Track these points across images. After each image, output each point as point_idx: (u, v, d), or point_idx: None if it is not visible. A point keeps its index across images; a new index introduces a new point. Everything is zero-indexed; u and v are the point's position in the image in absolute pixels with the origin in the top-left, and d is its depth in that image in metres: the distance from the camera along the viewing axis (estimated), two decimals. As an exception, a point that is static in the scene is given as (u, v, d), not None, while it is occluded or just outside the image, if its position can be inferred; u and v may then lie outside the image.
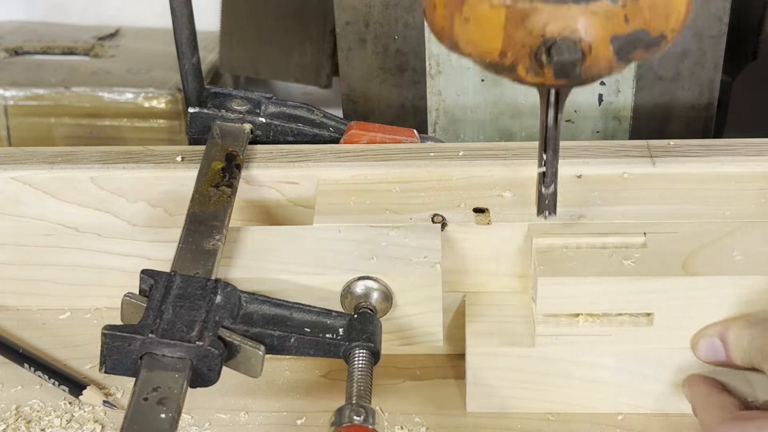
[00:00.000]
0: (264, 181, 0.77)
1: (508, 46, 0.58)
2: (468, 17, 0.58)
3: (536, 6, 0.57)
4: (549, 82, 0.59)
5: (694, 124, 0.96)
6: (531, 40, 0.57)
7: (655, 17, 0.57)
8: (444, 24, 0.59)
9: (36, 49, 1.44)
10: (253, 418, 0.70)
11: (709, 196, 0.73)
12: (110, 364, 0.60)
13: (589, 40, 0.57)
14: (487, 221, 0.71)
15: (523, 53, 0.58)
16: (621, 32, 0.57)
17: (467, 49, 0.59)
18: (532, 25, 0.57)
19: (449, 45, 0.59)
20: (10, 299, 0.80)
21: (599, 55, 0.58)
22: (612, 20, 0.57)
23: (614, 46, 0.58)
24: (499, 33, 0.57)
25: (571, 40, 0.57)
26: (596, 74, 0.59)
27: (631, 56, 0.59)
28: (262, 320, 0.64)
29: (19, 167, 0.77)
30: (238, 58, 1.38)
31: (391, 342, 0.69)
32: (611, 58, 0.58)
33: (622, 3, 0.57)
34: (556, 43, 0.57)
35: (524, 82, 0.59)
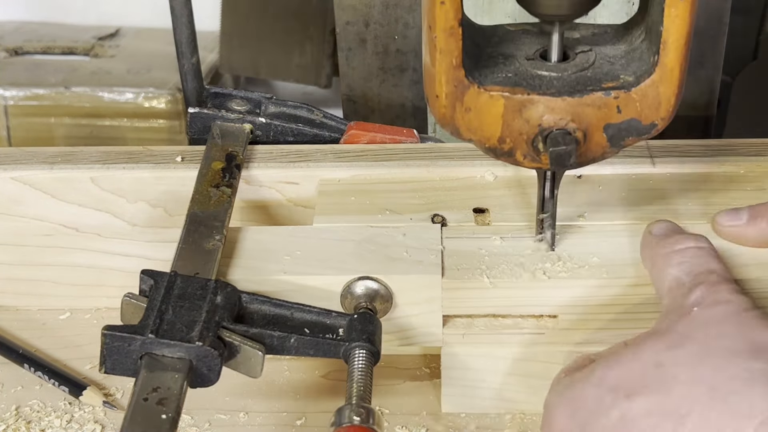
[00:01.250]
0: (264, 181, 0.77)
1: (507, 134, 0.62)
2: (469, 107, 0.61)
3: (533, 98, 0.60)
4: (545, 167, 0.63)
5: (694, 124, 0.96)
6: (528, 129, 0.61)
7: (647, 108, 0.61)
8: (446, 113, 0.62)
9: (36, 49, 1.44)
10: (253, 418, 0.70)
11: (709, 196, 0.73)
12: (110, 364, 0.60)
13: (583, 130, 0.61)
14: (487, 221, 0.71)
15: (521, 141, 0.62)
16: (614, 121, 0.61)
17: (468, 135, 0.63)
18: (529, 115, 0.61)
19: (451, 131, 0.63)
20: (10, 299, 0.80)
21: (593, 143, 0.62)
22: (605, 111, 0.61)
23: (607, 134, 0.62)
24: (497, 122, 0.61)
25: (565, 130, 0.60)
26: (590, 160, 0.63)
27: (623, 142, 0.62)
28: (262, 320, 0.64)
29: (19, 167, 0.77)
30: (238, 58, 1.38)
31: (391, 342, 0.69)
32: (604, 144, 0.62)
33: (615, 95, 0.60)
34: (551, 134, 0.61)
35: (522, 165, 0.63)
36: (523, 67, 0.62)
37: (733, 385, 0.51)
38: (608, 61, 0.63)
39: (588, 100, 0.60)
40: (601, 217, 0.71)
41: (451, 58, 0.59)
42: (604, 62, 0.63)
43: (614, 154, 0.63)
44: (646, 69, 0.60)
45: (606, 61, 0.63)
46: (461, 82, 0.60)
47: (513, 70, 0.62)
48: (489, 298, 0.66)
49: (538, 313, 0.67)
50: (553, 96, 0.60)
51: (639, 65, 0.61)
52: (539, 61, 0.62)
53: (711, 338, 0.53)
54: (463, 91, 0.60)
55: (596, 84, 0.61)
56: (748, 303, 0.56)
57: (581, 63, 0.62)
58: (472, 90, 0.60)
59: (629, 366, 0.54)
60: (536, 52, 0.63)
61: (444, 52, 0.59)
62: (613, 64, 0.62)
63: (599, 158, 0.62)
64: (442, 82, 0.60)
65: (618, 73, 0.62)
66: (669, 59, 0.59)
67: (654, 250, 0.62)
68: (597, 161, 0.63)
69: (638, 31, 0.63)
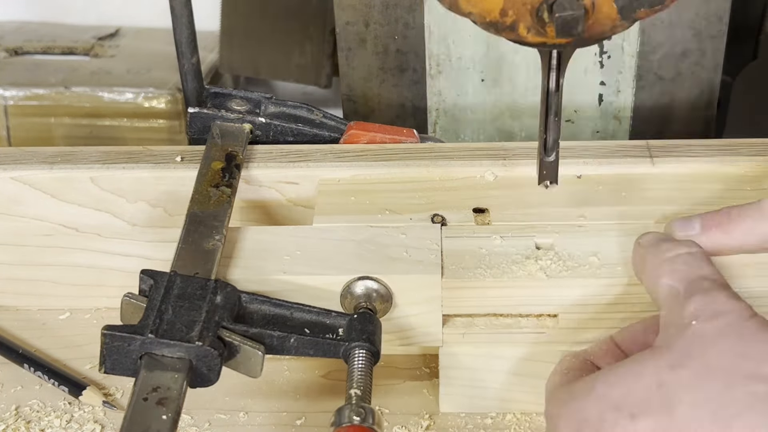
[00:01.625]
0: (264, 181, 0.77)
1: (509, 4, 0.57)
2: None
3: None
4: (551, 41, 0.58)
5: (694, 124, 0.96)
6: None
7: None
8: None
9: (36, 49, 1.44)
10: (253, 418, 0.70)
11: (709, 196, 0.73)
12: (110, 364, 0.60)
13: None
14: (487, 221, 0.71)
15: (525, 11, 0.57)
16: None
17: (467, 7, 0.58)
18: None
19: (448, 4, 0.58)
20: (10, 299, 0.80)
21: (602, 13, 0.57)
22: None
23: (618, 3, 0.57)
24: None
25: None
26: (599, 33, 0.58)
27: (634, 15, 0.57)
28: (262, 320, 0.64)
29: (19, 167, 0.77)
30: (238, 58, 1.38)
31: (391, 342, 0.69)
32: (614, 16, 0.57)
33: None
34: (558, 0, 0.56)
35: (525, 41, 0.58)
36: None
37: (736, 408, 0.51)
38: None
39: None
40: (601, 217, 0.71)
41: None
42: None
43: (624, 29, 0.58)
44: None
45: None
46: None
47: None
48: (489, 297, 0.66)
49: (538, 312, 0.67)
50: None
51: None
52: None
53: (712, 357, 0.53)
54: None
55: None
56: (746, 311, 0.55)
57: None
58: None
59: (632, 385, 0.54)
60: None
61: None
62: None
63: (608, 32, 0.58)
64: None
65: None
66: None
67: (644, 261, 0.62)
68: (606, 36, 0.58)
69: None
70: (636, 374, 0.54)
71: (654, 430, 0.52)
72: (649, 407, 0.52)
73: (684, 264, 0.59)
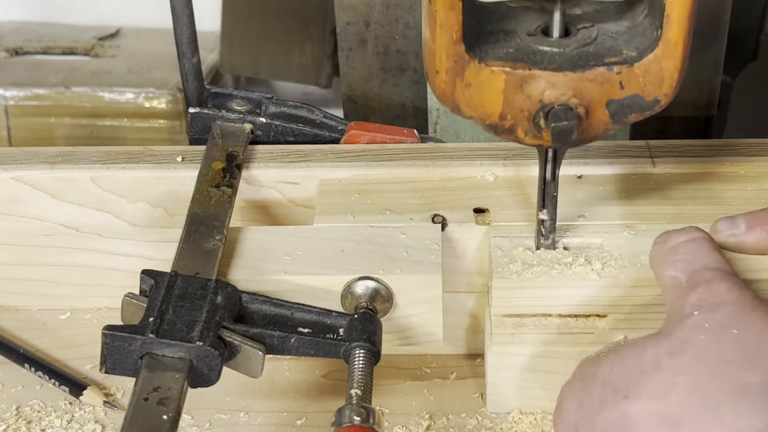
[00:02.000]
0: (264, 181, 0.77)
1: (508, 110, 0.60)
2: (469, 83, 0.60)
3: (534, 73, 0.59)
4: (547, 144, 0.61)
5: (694, 124, 0.96)
6: (529, 105, 0.60)
7: (650, 83, 0.59)
8: (446, 89, 0.61)
9: (36, 49, 1.44)
10: (253, 418, 0.70)
11: (709, 196, 0.73)
12: (110, 364, 0.60)
13: (585, 105, 0.60)
14: (488, 221, 0.71)
15: (522, 117, 0.60)
16: (616, 97, 0.60)
17: (468, 112, 0.61)
18: (531, 91, 0.59)
19: (451, 107, 0.61)
20: (10, 299, 0.80)
21: (595, 119, 0.60)
22: (607, 86, 0.59)
23: (610, 110, 0.60)
24: (498, 97, 0.60)
25: (567, 105, 0.59)
26: (592, 137, 0.61)
27: (626, 119, 0.61)
28: (262, 320, 0.64)
29: (19, 167, 0.77)
30: (239, 58, 1.38)
31: (391, 342, 0.69)
32: (607, 121, 0.61)
33: (617, 70, 0.59)
34: (553, 109, 0.59)
35: (523, 143, 0.62)
36: (525, 43, 0.61)
37: (726, 396, 0.51)
38: (611, 36, 0.61)
39: (590, 76, 0.59)
40: (602, 217, 0.71)
41: (451, 33, 0.58)
42: (607, 38, 0.61)
43: (616, 131, 0.61)
44: (649, 44, 0.59)
45: (608, 37, 0.61)
46: (461, 57, 0.59)
47: (514, 45, 0.61)
48: (538, 297, 0.66)
49: (588, 312, 0.66)
50: (555, 71, 0.59)
51: (642, 40, 0.60)
52: (541, 37, 0.61)
53: (709, 346, 0.54)
54: (463, 66, 0.59)
55: (598, 59, 0.59)
56: (749, 301, 0.55)
57: (583, 38, 0.61)
58: (473, 65, 0.59)
59: (631, 367, 0.55)
60: (538, 28, 0.62)
61: (444, 27, 0.58)
62: (615, 39, 0.61)
63: (601, 135, 0.61)
64: (442, 57, 0.59)
65: (620, 48, 0.60)
66: (672, 33, 0.57)
67: (653, 254, 0.62)
68: (599, 138, 0.61)
69: (641, 7, 0.62)
70: (636, 358, 0.55)
71: (646, 411, 0.53)
72: (644, 389, 0.53)
73: (686, 253, 0.60)
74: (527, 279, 0.65)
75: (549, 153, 0.64)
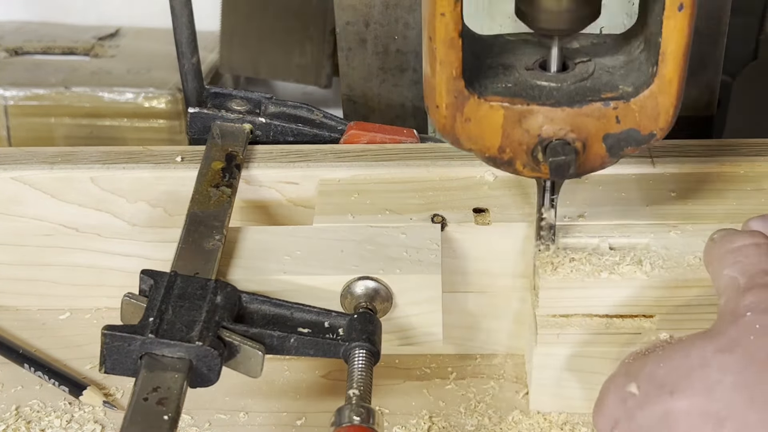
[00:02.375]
0: (264, 181, 0.77)
1: (507, 144, 0.62)
2: (468, 117, 0.61)
3: (532, 108, 0.61)
4: (545, 177, 0.63)
5: (694, 124, 0.96)
6: (528, 139, 0.61)
7: (645, 118, 0.61)
8: (446, 123, 0.62)
9: (36, 49, 1.44)
10: (253, 418, 0.70)
11: (709, 196, 0.73)
12: (110, 364, 0.60)
13: (582, 140, 0.61)
14: (487, 221, 0.71)
15: (521, 150, 0.62)
16: (613, 131, 0.61)
17: (468, 145, 0.63)
18: (529, 125, 0.61)
19: (451, 140, 0.63)
20: (10, 299, 0.80)
21: (592, 153, 0.62)
22: (604, 121, 0.61)
23: (606, 144, 0.62)
24: (497, 131, 0.62)
25: (565, 140, 0.61)
26: (589, 169, 0.63)
27: (622, 152, 0.62)
28: (262, 320, 0.64)
29: (19, 167, 0.77)
30: (238, 58, 1.38)
31: (391, 342, 0.69)
32: (603, 155, 0.62)
33: (614, 105, 0.60)
34: (551, 143, 0.61)
35: (522, 175, 0.63)
36: (523, 78, 0.62)
37: None
38: (607, 71, 0.63)
39: (587, 111, 0.60)
40: (602, 217, 0.71)
41: (451, 69, 0.59)
42: (603, 73, 0.63)
43: (613, 164, 0.63)
44: (645, 80, 0.60)
45: (605, 72, 0.63)
46: (461, 93, 0.60)
47: (513, 80, 0.62)
48: (585, 297, 0.65)
49: (635, 313, 0.66)
50: (553, 106, 0.60)
51: (638, 76, 0.61)
52: (539, 72, 0.63)
53: (759, 347, 0.53)
54: (463, 101, 0.61)
55: (595, 94, 0.61)
56: None
57: (580, 73, 0.62)
58: (472, 101, 0.61)
59: (678, 364, 0.55)
60: (536, 63, 0.63)
61: (444, 64, 0.59)
62: (612, 74, 0.63)
63: (598, 168, 0.63)
64: (442, 93, 0.60)
65: (617, 83, 0.62)
66: (668, 70, 0.59)
67: (711, 252, 0.62)
68: (596, 171, 0.63)
69: (637, 41, 0.63)
70: (684, 355, 0.55)
71: (690, 408, 0.53)
72: (689, 386, 0.53)
73: (748, 255, 0.59)
74: (574, 279, 0.65)
75: (547, 183, 0.65)
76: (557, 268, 0.66)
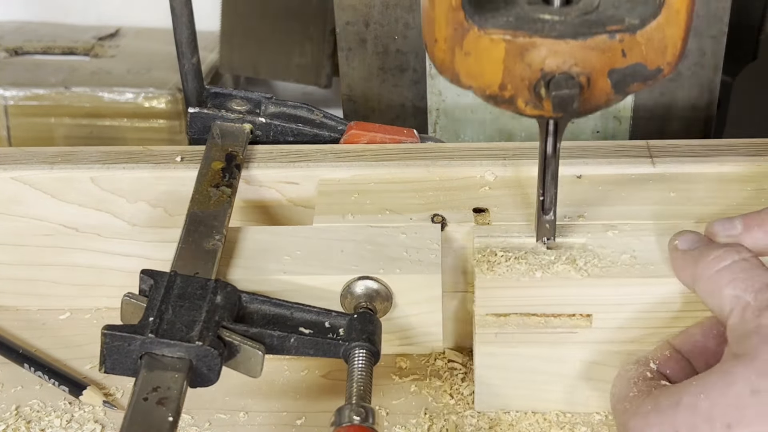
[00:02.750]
0: (264, 181, 0.77)
1: (508, 80, 0.59)
2: (468, 51, 0.59)
3: (535, 41, 0.58)
4: (548, 114, 0.60)
5: (694, 124, 0.96)
6: (530, 74, 0.59)
7: (652, 51, 0.58)
8: (445, 57, 0.60)
9: (36, 49, 1.44)
10: (253, 418, 0.70)
11: (709, 196, 0.73)
12: (110, 364, 0.60)
13: (586, 74, 0.59)
14: (487, 221, 0.71)
15: (523, 86, 0.59)
16: (618, 66, 0.59)
17: (468, 81, 0.60)
18: (531, 59, 0.58)
19: (450, 77, 0.60)
20: (10, 299, 0.80)
21: (597, 89, 0.59)
22: (609, 55, 0.58)
23: (612, 79, 0.59)
24: (498, 67, 0.59)
25: (569, 74, 0.58)
26: (594, 107, 0.60)
27: (628, 89, 0.60)
28: (262, 320, 0.64)
29: (19, 167, 0.77)
30: (238, 58, 1.38)
31: (391, 342, 0.69)
32: (609, 91, 0.60)
33: (620, 38, 0.58)
34: (554, 78, 0.58)
35: (523, 113, 0.61)
36: (525, 11, 0.60)
37: None
38: (612, 5, 0.60)
39: (592, 44, 0.58)
40: (601, 217, 0.71)
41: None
42: (609, 6, 0.60)
43: (618, 101, 0.61)
44: (652, 11, 0.58)
45: (610, 5, 0.60)
46: (461, 25, 0.58)
47: (514, 14, 0.60)
48: (522, 296, 0.65)
49: (572, 312, 0.66)
50: (556, 39, 0.58)
51: (644, 8, 0.59)
52: (542, 5, 0.60)
53: None
54: (462, 34, 0.58)
55: (600, 27, 0.58)
56: None
57: (585, 6, 0.60)
58: (472, 33, 0.58)
59: (723, 394, 0.54)
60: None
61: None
62: (617, 7, 0.60)
63: (603, 105, 0.60)
64: (441, 25, 0.58)
65: (623, 16, 0.59)
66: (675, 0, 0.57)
67: (696, 271, 0.61)
68: (601, 108, 0.61)
69: None
70: (725, 384, 0.54)
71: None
72: (745, 416, 0.52)
73: (742, 271, 0.59)
74: (509, 278, 0.65)
75: (550, 125, 0.63)
76: (493, 267, 0.65)
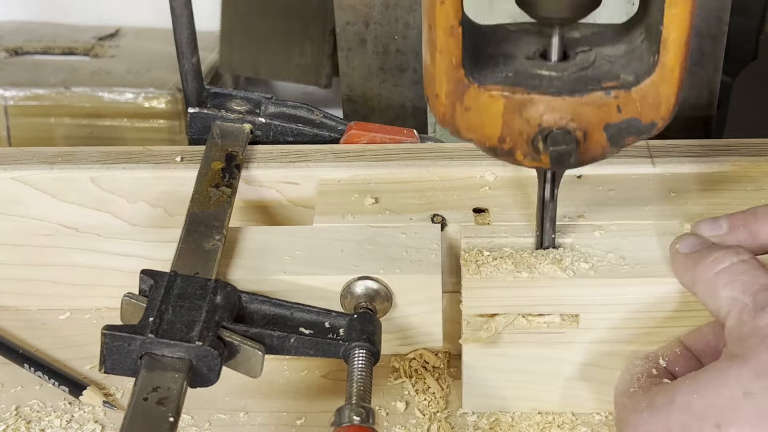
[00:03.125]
0: (264, 181, 0.77)
1: (507, 133, 0.61)
2: (468, 106, 0.61)
3: (533, 97, 0.60)
4: (545, 166, 0.62)
5: (694, 124, 0.96)
6: (528, 128, 0.61)
7: (647, 107, 0.60)
8: (446, 112, 0.61)
9: (36, 49, 1.44)
10: (253, 418, 0.70)
11: (709, 196, 0.73)
12: (110, 364, 0.60)
13: (583, 129, 0.61)
14: (487, 221, 0.71)
15: (521, 140, 0.61)
16: (614, 121, 0.61)
17: (468, 134, 0.62)
18: (529, 114, 0.60)
19: (451, 130, 0.62)
20: (10, 299, 0.80)
21: (593, 142, 0.61)
22: (605, 110, 0.60)
23: (607, 133, 0.61)
24: (497, 121, 0.61)
25: (566, 129, 0.60)
26: (590, 159, 0.62)
27: (623, 142, 0.62)
28: (262, 320, 0.64)
29: (19, 167, 0.77)
30: (238, 58, 1.38)
31: (391, 342, 0.69)
32: (605, 144, 0.62)
33: (615, 94, 0.60)
34: (551, 133, 0.60)
35: (522, 165, 0.63)
36: (523, 67, 0.62)
37: None
38: (608, 60, 0.62)
39: (588, 100, 0.60)
40: (601, 217, 0.71)
41: (451, 58, 0.59)
42: (604, 62, 0.62)
43: (614, 153, 0.62)
44: (646, 69, 0.60)
45: (606, 61, 0.62)
46: (461, 82, 0.60)
47: (513, 69, 0.62)
48: (510, 297, 0.65)
49: (560, 312, 0.66)
50: (553, 95, 0.60)
51: (639, 65, 0.61)
52: (539, 61, 0.62)
53: None
54: (463, 90, 0.60)
55: (596, 83, 0.60)
56: None
57: (581, 62, 0.62)
58: (472, 89, 0.60)
59: (715, 394, 0.54)
60: (536, 52, 0.63)
61: (444, 52, 0.59)
62: (613, 63, 0.62)
63: (599, 158, 0.62)
64: (442, 82, 0.60)
65: (618, 72, 0.61)
66: (669, 59, 0.58)
67: (695, 273, 0.61)
68: (597, 161, 0.63)
69: (638, 30, 0.63)
70: (719, 384, 0.54)
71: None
72: (737, 417, 0.52)
73: (740, 273, 0.59)
74: (496, 278, 0.65)
75: (548, 174, 0.65)
76: (480, 267, 0.65)
